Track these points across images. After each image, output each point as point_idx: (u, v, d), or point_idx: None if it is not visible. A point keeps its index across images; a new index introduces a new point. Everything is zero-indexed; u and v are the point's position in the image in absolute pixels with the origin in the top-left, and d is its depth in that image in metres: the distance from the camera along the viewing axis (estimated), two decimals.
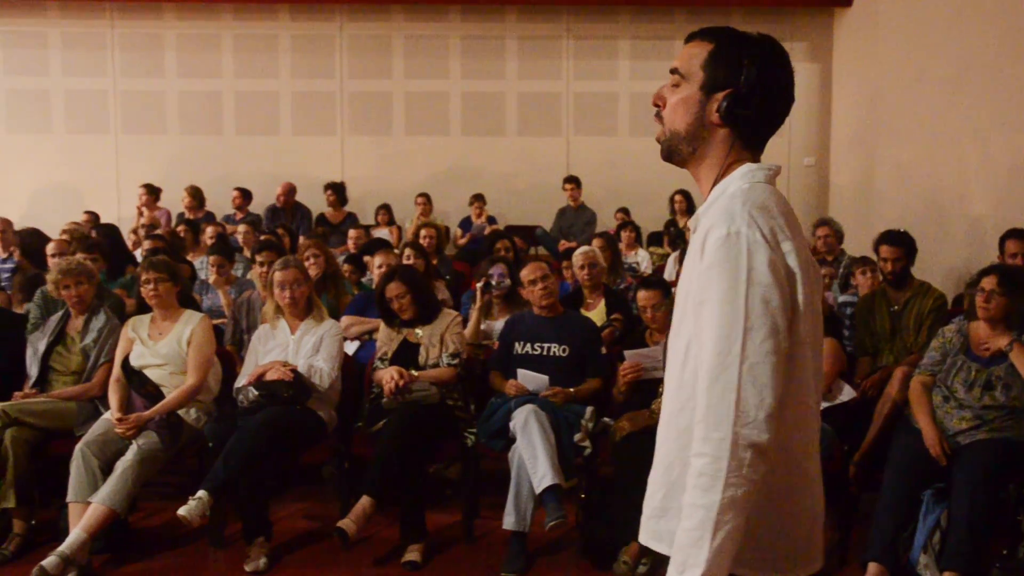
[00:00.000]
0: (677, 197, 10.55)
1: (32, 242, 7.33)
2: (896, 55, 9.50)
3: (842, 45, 11.25)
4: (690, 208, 10.53)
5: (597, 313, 5.83)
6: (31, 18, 11.25)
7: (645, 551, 4.26)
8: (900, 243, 5.47)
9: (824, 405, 4.54)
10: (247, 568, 4.37)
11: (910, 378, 4.55)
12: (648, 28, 11.37)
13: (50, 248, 6.66)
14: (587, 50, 11.31)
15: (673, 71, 1.86)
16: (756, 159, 1.85)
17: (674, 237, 9.82)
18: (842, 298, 6.38)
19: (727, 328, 1.64)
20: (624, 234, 8.96)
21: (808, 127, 11.58)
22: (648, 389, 4.67)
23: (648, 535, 1.85)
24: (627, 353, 4.73)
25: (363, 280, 7.01)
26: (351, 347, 5.65)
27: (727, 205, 1.73)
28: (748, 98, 1.77)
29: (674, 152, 1.87)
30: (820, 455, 1.86)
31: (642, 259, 8.83)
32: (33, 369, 4.98)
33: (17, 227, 8.76)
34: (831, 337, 4.80)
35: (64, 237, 7.15)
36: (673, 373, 1.81)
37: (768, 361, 1.63)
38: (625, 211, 10.40)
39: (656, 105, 1.89)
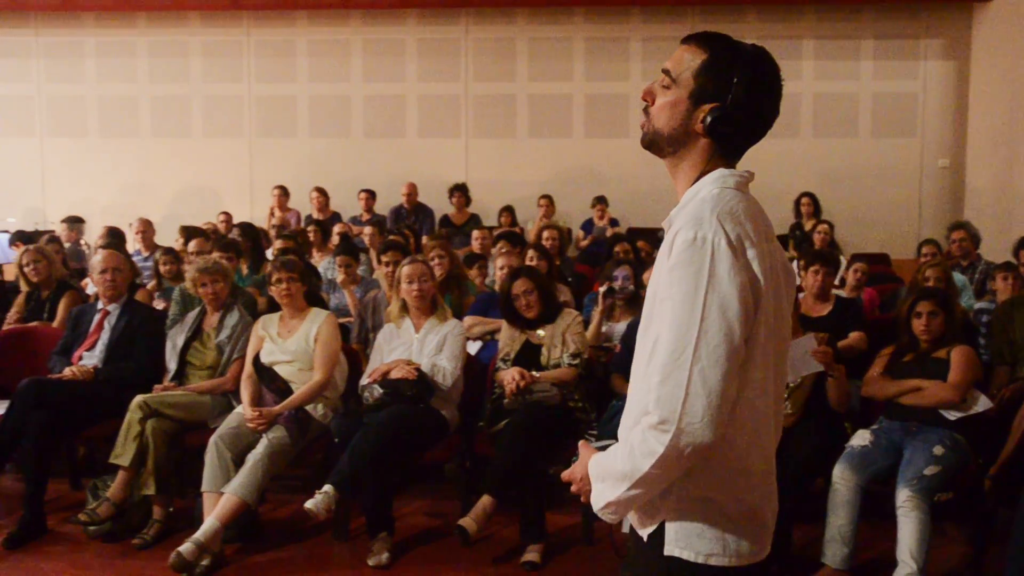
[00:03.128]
0: (804, 200, 10.31)
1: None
2: None
3: (982, 41, 10.81)
4: (816, 211, 10.28)
5: None
6: (174, 28, 11.75)
7: (767, 557, 4.18)
8: None
9: (957, 415, 4.38)
10: (370, 562, 4.45)
11: None
12: (775, 28, 11.16)
13: (191, 247, 6.96)
14: None
15: (665, 72, 1.89)
16: (731, 166, 1.90)
17: (799, 241, 9.60)
18: (978, 305, 6.13)
19: (683, 328, 1.70)
20: None
21: (943, 127, 11.18)
22: None
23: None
24: None
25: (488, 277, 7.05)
26: (474, 347, 5.70)
27: (696, 209, 1.78)
28: (733, 116, 1.82)
29: (654, 145, 1.93)
30: (775, 455, 1.92)
31: None
32: (172, 363, 5.18)
33: (158, 227, 9.18)
34: (966, 345, 4.62)
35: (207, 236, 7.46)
36: (639, 367, 1.86)
37: (720, 366, 1.68)
38: None
39: (645, 100, 1.93)
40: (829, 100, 11.27)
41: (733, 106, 1.82)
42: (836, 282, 6.22)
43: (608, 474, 1.83)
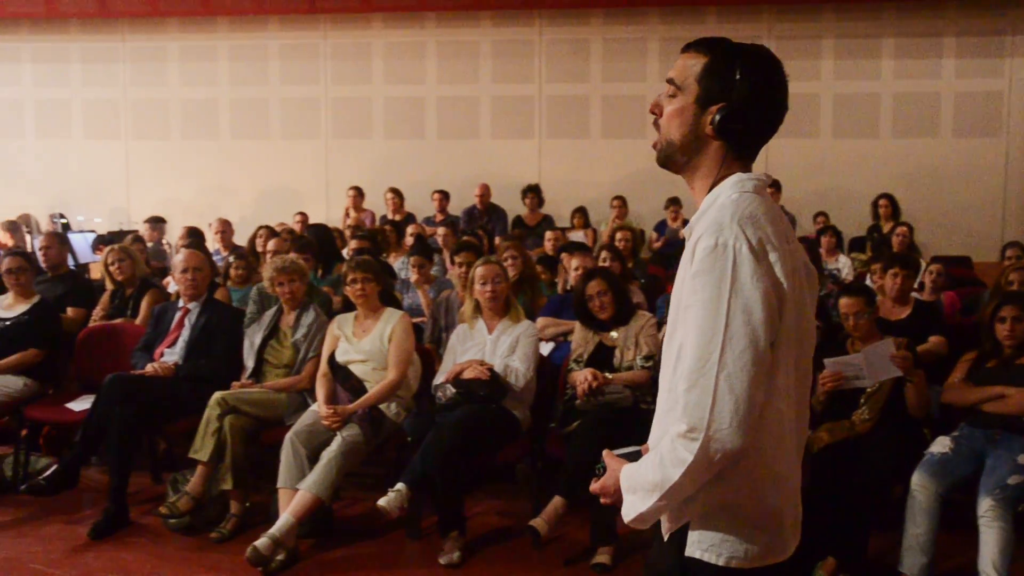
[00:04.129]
0: (882, 201, 10.11)
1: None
2: None
3: None
4: (895, 213, 10.07)
5: None
6: (254, 33, 11.99)
7: (842, 566, 4.12)
8: None
9: None
10: (441, 561, 4.48)
11: None
12: (854, 27, 10.96)
13: (270, 246, 7.08)
14: (788, 50, 10.95)
15: (669, 81, 1.91)
16: (747, 169, 1.91)
17: (878, 243, 9.41)
18: None
19: (708, 335, 1.71)
20: (824, 239, 8.67)
21: None
22: (849, 399, 4.51)
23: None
24: (827, 361, 4.56)
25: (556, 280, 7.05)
26: (546, 348, 5.70)
27: (716, 216, 1.79)
28: (741, 113, 1.84)
29: (670, 160, 1.95)
30: (800, 458, 1.92)
31: (843, 265, 8.51)
32: (250, 361, 5.27)
33: (237, 227, 9.36)
34: None
35: (284, 237, 7.57)
36: (665, 375, 1.88)
37: (746, 371, 1.69)
38: (825, 215, 10.05)
39: (653, 113, 1.96)
40: (910, 99, 11.02)
41: (740, 102, 1.83)
42: (916, 285, 6.10)
43: (639, 485, 1.82)
